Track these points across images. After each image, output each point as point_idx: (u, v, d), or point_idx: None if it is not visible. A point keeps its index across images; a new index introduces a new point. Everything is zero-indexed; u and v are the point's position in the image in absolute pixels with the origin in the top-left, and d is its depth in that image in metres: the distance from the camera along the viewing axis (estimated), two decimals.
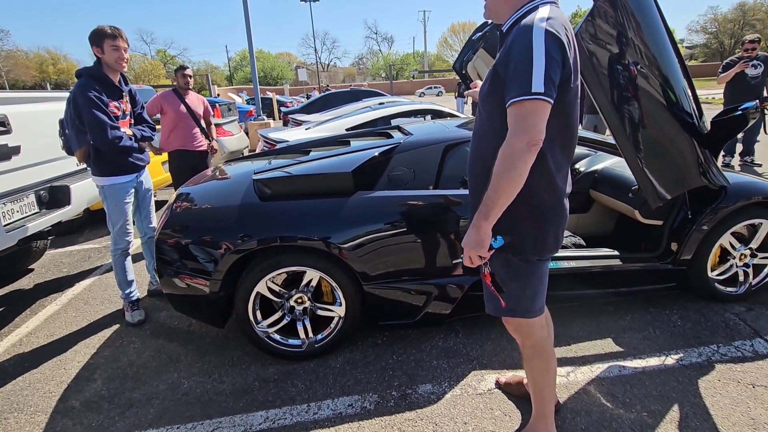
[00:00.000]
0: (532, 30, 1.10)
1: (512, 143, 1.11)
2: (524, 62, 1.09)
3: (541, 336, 1.45)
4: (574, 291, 2.37)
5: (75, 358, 2.32)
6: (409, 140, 2.43)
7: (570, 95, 1.18)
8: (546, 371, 1.49)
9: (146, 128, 2.69)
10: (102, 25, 2.37)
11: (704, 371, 1.95)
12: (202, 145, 3.76)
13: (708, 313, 2.41)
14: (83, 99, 2.28)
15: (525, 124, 1.09)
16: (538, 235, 1.28)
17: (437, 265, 2.12)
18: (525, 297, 1.35)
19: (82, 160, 2.50)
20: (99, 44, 2.35)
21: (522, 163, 1.11)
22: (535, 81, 1.07)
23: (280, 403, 1.90)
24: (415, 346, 2.24)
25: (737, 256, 2.43)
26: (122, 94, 2.51)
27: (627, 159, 2.01)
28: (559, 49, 1.10)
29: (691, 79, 2.06)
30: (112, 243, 2.61)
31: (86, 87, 2.30)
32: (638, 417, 1.71)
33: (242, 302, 2.06)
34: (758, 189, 2.37)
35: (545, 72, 1.07)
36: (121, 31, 2.42)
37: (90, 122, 2.31)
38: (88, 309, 2.87)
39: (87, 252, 3.94)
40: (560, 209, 1.30)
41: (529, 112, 1.09)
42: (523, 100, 1.08)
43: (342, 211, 2.05)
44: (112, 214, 2.56)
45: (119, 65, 2.42)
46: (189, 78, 3.68)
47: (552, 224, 1.29)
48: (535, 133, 1.09)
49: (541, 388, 1.52)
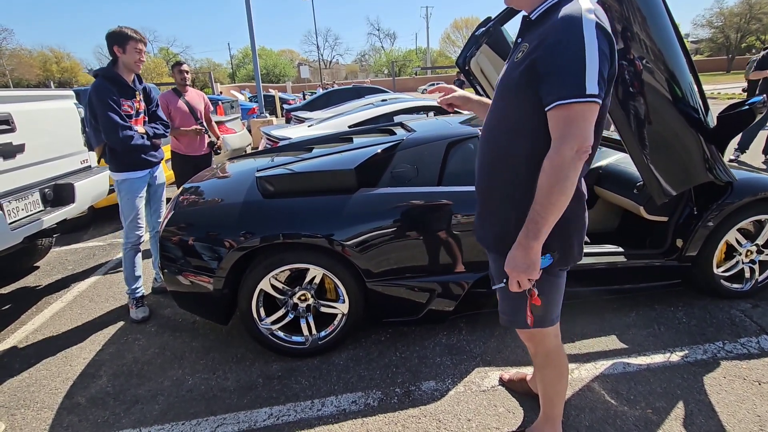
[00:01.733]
0: (581, 22, 0.99)
1: (562, 151, 1.01)
2: (575, 60, 0.98)
3: (555, 345, 1.40)
4: (579, 288, 2.36)
5: (80, 355, 2.33)
6: (412, 137, 2.42)
7: (610, 95, 1.10)
8: (559, 379, 1.45)
9: (159, 126, 2.80)
10: (124, 27, 2.49)
11: (710, 368, 1.94)
12: (205, 148, 3.75)
13: (713, 310, 2.39)
14: (97, 100, 2.41)
15: (575, 129, 1.00)
16: (565, 246, 1.20)
17: (440, 262, 2.11)
18: (547, 309, 1.29)
19: (101, 156, 2.64)
20: (122, 45, 2.46)
21: (573, 171, 1.02)
22: (588, 81, 0.97)
23: (284, 399, 1.91)
24: (418, 343, 2.24)
25: (743, 252, 2.41)
26: (135, 93, 2.60)
27: (632, 155, 1.99)
28: (609, 45, 1.01)
29: (698, 74, 2.04)
30: (124, 236, 2.68)
31: (100, 88, 2.42)
32: (643, 414, 1.71)
33: (246, 299, 2.06)
34: (765, 185, 2.34)
35: (599, 71, 0.98)
36: (143, 35, 2.57)
37: (103, 122, 2.43)
38: (93, 306, 2.88)
39: (92, 250, 3.96)
40: (583, 216, 1.23)
41: (580, 115, 1.00)
42: (574, 102, 0.99)
43: (345, 208, 2.05)
44: (125, 208, 2.65)
45: (137, 66, 2.55)
46: (186, 74, 3.65)
47: (577, 233, 1.22)
48: (584, 139, 1.01)
49: (552, 395, 1.49)
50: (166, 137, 2.84)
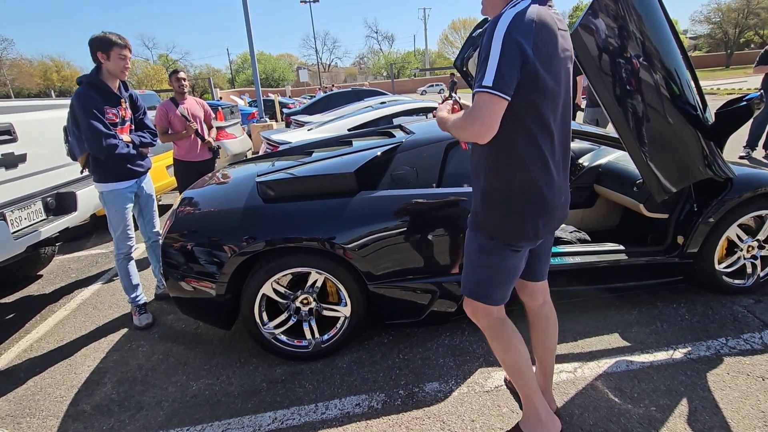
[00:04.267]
0: (495, 25, 1.17)
1: (467, 122, 1.21)
2: (484, 59, 1.17)
3: (496, 318, 1.47)
4: (581, 287, 2.37)
5: (85, 363, 2.34)
6: (411, 139, 2.43)
7: (542, 92, 1.22)
8: (505, 351, 1.49)
9: (147, 134, 2.71)
10: (108, 33, 2.40)
11: (713, 365, 1.94)
12: (207, 153, 3.76)
13: (716, 306, 2.39)
14: (79, 108, 2.34)
15: (478, 111, 1.18)
16: (515, 223, 1.32)
17: (441, 264, 2.12)
18: (489, 282, 1.41)
19: (84, 167, 2.56)
20: (106, 51, 2.38)
21: (468, 136, 1.23)
22: (488, 75, 1.15)
23: (288, 403, 1.91)
24: (421, 344, 2.25)
25: (744, 248, 2.41)
26: (121, 100, 2.53)
27: (630, 153, 2.00)
28: (520, 48, 1.15)
29: (695, 71, 2.04)
30: (115, 248, 2.64)
31: (83, 95, 2.35)
32: (647, 412, 1.70)
33: (248, 304, 2.07)
34: (764, 180, 2.34)
35: (497, 68, 1.14)
36: (127, 40, 2.47)
37: (85, 131, 2.36)
38: (96, 314, 2.90)
39: (94, 257, 3.98)
40: (538, 201, 1.30)
41: (481, 102, 1.17)
42: (478, 92, 1.17)
43: (345, 211, 2.05)
44: (113, 220, 2.59)
45: (122, 74, 2.48)
46: (183, 81, 3.66)
47: (530, 215, 1.31)
48: (483, 122, 1.17)
49: (508, 367, 1.52)
50: (155, 146, 2.78)
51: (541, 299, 1.61)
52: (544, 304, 1.62)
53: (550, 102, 1.25)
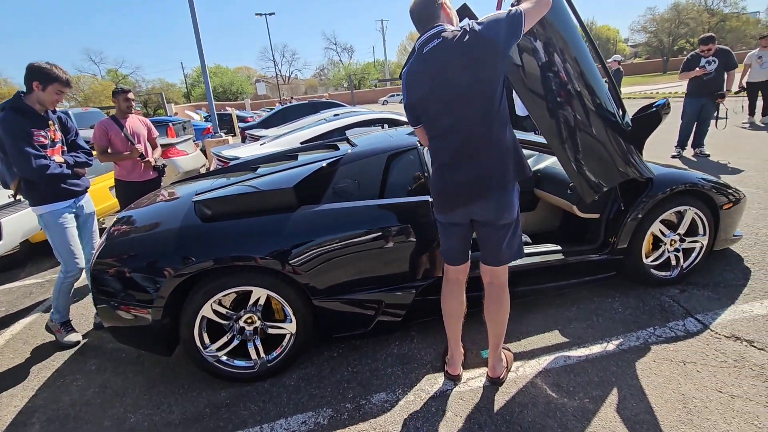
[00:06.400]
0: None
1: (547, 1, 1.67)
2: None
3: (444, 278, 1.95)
4: (524, 287, 2.46)
5: (11, 403, 2.17)
6: (353, 152, 2.46)
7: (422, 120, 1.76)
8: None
9: (81, 154, 2.66)
10: (55, 67, 2.36)
11: (641, 354, 2.06)
12: (151, 173, 3.62)
13: (646, 297, 2.55)
14: (5, 132, 2.27)
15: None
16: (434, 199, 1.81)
17: (385, 273, 2.14)
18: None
19: (17, 192, 2.46)
20: (44, 84, 2.35)
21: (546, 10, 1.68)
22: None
23: (232, 428, 1.85)
24: (370, 355, 2.25)
25: (668, 242, 2.59)
26: (48, 122, 2.46)
27: (559, 158, 2.12)
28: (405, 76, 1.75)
29: (615, 84, 2.21)
30: (63, 271, 2.54)
31: (7, 120, 2.28)
32: (581, 404, 1.79)
33: (188, 328, 2.00)
34: (681, 178, 2.54)
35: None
36: (70, 77, 2.46)
37: (13, 154, 2.29)
38: (26, 349, 2.70)
39: (28, 288, 3.71)
40: (439, 185, 1.74)
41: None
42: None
43: (285, 226, 2.04)
44: (56, 242, 2.51)
45: (51, 106, 2.46)
46: (132, 102, 3.53)
47: (435, 195, 1.79)
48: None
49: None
50: (91, 165, 2.70)
51: (486, 279, 1.88)
52: (489, 285, 1.87)
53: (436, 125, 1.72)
